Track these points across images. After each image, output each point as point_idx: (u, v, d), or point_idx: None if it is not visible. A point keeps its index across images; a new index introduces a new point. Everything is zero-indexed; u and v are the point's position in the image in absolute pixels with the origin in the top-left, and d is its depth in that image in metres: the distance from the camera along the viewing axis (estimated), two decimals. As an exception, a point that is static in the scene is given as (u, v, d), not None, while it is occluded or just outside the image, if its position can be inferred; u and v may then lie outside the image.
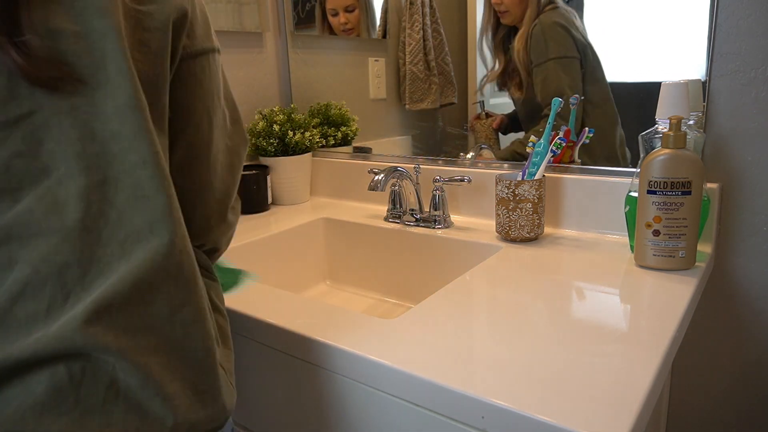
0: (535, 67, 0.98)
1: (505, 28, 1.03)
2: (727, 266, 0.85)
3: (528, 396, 0.48)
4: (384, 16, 1.18)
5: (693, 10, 0.80)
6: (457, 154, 1.11)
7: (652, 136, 0.78)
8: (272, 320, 0.65)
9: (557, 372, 0.51)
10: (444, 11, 1.10)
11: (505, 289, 0.72)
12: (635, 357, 0.53)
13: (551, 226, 0.96)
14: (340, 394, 0.61)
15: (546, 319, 0.62)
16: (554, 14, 0.95)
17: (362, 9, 1.23)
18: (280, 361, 0.66)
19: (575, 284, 0.73)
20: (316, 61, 1.30)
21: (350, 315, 0.65)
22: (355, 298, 1.09)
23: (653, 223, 0.73)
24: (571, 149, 0.96)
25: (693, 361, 0.92)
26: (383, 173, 0.97)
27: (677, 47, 0.83)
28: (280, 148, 1.19)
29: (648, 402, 0.47)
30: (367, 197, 1.21)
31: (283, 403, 0.68)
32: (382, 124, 1.22)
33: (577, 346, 0.56)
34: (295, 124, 1.19)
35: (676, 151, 0.71)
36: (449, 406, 0.50)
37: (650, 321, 0.61)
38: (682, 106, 0.75)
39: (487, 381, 0.50)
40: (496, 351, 0.55)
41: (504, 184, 0.88)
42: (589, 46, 0.92)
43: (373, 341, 0.58)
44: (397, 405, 0.55)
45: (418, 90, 1.15)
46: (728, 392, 0.90)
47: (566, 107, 0.93)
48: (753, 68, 0.77)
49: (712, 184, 0.82)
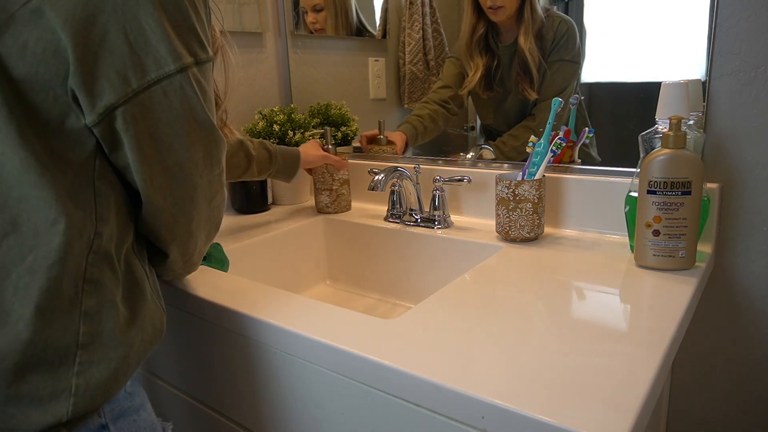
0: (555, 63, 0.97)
1: (484, 27, 1.02)
2: (727, 266, 0.85)
3: (528, 396, 0.48)
4: (384, 16, 1.18)
5: (693, 10, 0.80)
6: (457, 154, 1.11)
7: (652, 136, 0.78)
8: (271, 320, 0.65)
9: (557, 372, 0.51)
10: (444, 11, 1.10)
11: (505, 289, 0.72)
12: (635, 357, 0.53)
13: (551, 226, 0.96)
14: (340, 394, 0.61)
15: (546, 319, 0.62)
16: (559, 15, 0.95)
17: (330, 9, 1.24)
18: (280, 361, 0.66)
19: (575, 284, 0.73)
20: (316, 61, 1.30)
21: (350, 315, 0.65)
22: (355, 298, 1.09)
23: (653, 223, 0.73)
24: (571, 149, 0.96)
25: (693, 361, 0.92)
26: (383, 173, 0.97)
27: (677, 47, 0.83)
28: (280, 148, 1.19)
29: (648, 402, 0.47)
30: (367, 197, 1.21)
31: (283, 402, 0.68)
32: (382, 124, 1.22)
33: (577, 346, 0.56)
34: (295, 124, 1.18)
35: (676, 151, 0.71)
36: (449, 406, 0.50)
37: (650, 321, 0.61)
38: (682, 106, 0.75)
39: (487, 381, 0.50)
40: (496, 351, 0.55)
41: (504, 184, 0.88)
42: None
43: (373, 341, 0.58)
44: (398, 405, 0.55)
45: (417, 90, 1.15)
46: (728, 392, 0.90)
47: (566, 107, 0.94)
48: (753, 68, 0.77)
49: (712, 184, 0.82)
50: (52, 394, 0.44)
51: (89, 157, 0.49)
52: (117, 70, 0.47)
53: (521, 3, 0.96)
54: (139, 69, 0.47)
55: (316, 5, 1.26)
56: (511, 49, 1.00)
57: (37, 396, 0.44)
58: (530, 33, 0.97)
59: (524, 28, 0.97)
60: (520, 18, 0.97)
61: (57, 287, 0.46)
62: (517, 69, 1.00)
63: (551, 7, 0.95)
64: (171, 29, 0.48)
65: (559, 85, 0.96)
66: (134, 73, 0.47)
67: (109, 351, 0.48)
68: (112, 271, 0.50)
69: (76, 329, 0.46)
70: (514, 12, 0.97)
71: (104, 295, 0.49)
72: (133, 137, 0.48)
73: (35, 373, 0.44)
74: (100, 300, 0.48)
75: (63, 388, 0.45)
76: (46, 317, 0.45)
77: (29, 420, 0.43)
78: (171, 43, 0.48)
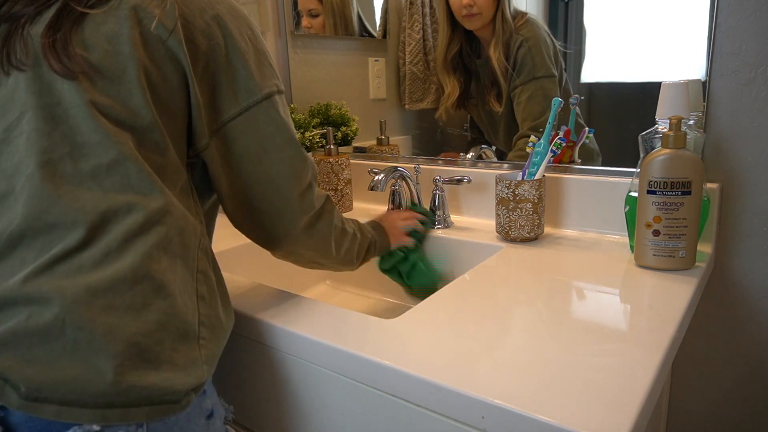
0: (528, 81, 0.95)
1: (459, 43, 0.99)
2: (727, 266, 0.85)
3: (528, 396, 0.48)
4: (384, 16, 1.18)
5: (693, 10, 0.80)
6: (457, 154, 1.11)
7: (652, 136, 0.78)
8: (272, 321, 0.65)
9: (557, 372, 0.51)
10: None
11: (505, 289, 0.72)
12: (635, 357, 0.53)
13: (551, 226, 0.96)
14: (340, 394, 0.61)
15: (546, 319, 0.62)
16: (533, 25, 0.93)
17: (329, 16, 1.23)
18: (279, 361, 0.66)
19: (575, 284, 0.73)
20: (316, 61, 1.30)
21: (350, 315, 0.65)
22: (355, 298, 1.09)
23: (653, 223, 0.73)
24: (571, 149, 0.96)
25: (693, 361, 0.92)
26: (383, 173, 0.97)
27: (677, 47, 0.83)
28: (280, 148, 1.19)
29: (648, 402, 0.47)
30: (367, 197, 1.21)
31: (281, 402, 0.68)
32: (383, 124, 1.22)
33: (577, 346, 0.56)
34: (295, 124, 1.18)
35: (676, 151, 0.71)
36: (449, 406, 0.50)
37: (650, 321, 0.61)
38: (682, 106, 0.75)
39: (487, 381, 0.50)
40: (495, 351, 0.55)
41: (504, 184, 0.88)
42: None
43: (373, 341, 0.58)
44: (398, 405, 0.55)
45: (417, 90, 1.15)
46: (728, 392, 0.90)
47: (566, 107, 0.94)
48: (753, 68, 0.77)
49: (712, 184, 0.82)
50: (193, 360, 0.51)
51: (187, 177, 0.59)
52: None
53: (496, 10, 0.94)
54: (234, 100, 0.59)
55: (312, 10, 1.25)
56: (486, 64, 0.98)
57: (183, 361, 0.50)
58: (500, 44, 0.95)
59: (495, 38, 0.96)
60: (494, 28, 0.95)
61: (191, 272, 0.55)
62: (486, 81, 0.99)
63: (525, 14, 0.93)
64: (257, 68, 0.59)
65: (541, 104, 0.95)
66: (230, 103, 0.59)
67: (216, 330, 0.55)
68: (212, 266, 0.59)
69: (196, 309, 0.53)
70: (489, 20, 0.95)
71: (210, 284, 0.57)
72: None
73: (180, 343, 0.50)
74: (209, 288, 0.56)
75: (196, 357, 0.51)
76: (184, 297, 0.52)
77: (181, 381, 0.49)
78: (255, 77, 0.59)
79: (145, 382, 0.46)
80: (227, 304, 0.60)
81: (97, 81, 0.50)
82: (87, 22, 0.51)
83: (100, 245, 0.48)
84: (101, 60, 0.51)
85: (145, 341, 0.47)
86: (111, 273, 0.47)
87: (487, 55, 0.97)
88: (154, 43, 0.53)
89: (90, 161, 0.49)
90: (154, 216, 0.51)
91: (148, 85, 0.52)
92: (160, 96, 0.53)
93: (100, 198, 0.49)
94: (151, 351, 0.48)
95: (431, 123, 1.15)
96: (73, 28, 0.51)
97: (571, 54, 0.94)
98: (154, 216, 0.51)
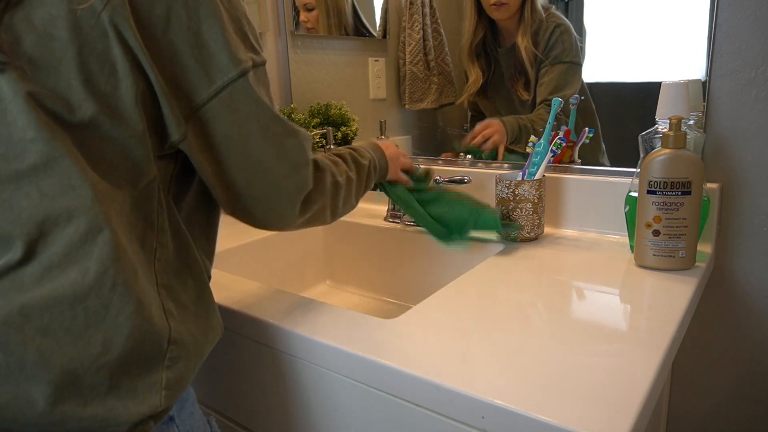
0: (551, 66, 0.97)
1: (483, 30, 1.02)
2: (727, 266, 0.85)
3: (528, 396, 0.48)
4: (384, 16, 1.18)
5: (693, 10, 0.80)
6: (457, 154, 1.11)
7: (652, 136, 0.78)
8: (272, 321, 0.65)
9: (557, 372, 0.51)
10: (444, 11, 1.10)
11: (505, 289, 0.72)
12: (635, 357, 0.53)
13: (551, 226, 0.96)
14: (341, 395, 0.61)
15: (546, 319, 0.62)
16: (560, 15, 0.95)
17: (322, 9, 1.24)
18: (278, 361, 0.66)
19: (575, 284, 0.73)
20: (316, 61, 1.30)
21: (350, 315, 0.65)
22: (355, 298, 1.09)
23: (653, 223, 0.73)
24: (571, 149, 0.96)
25: (693, 361, 0.92)
26: (383, 173, 0.97)
27: (677, 47, 0.83)
28: (280, 148, 1.19)
29: (648, 402, 0.47)
30: (366, 197, 1.21)
31: (283, 403, 0.68)
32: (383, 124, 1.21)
33: (577, 346, 0.56)
34: (295, 124, 1.18)
35: (676, 151, 0.71)
36: (449, 406, 0.50)
37: (650, 321, 0.61)
38: (682, 106, 0.75)
39: (487, 381, 0.50)
40: (496, 351, 0.55)
41: (504, 184, 0.88)
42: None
43: (374, 341, 0.58)
44: (397, 405, 0.55)
45: (417, 90, 1.15)
46: (728, 392, 0.90)
47: (566, 107, 0.94)
48: (753, 68, 0.77)
49: (712, 184, 0.82)
50: (149, 386, 0.46)
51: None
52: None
53: (524, 1, 0.96)
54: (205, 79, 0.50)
55: (307, 4, 1.26)
56: (510, 53, 1.00)
57: (134, 388, 0.46)
58: (528, 32, 0.97)
59: (523, 28, 0.97)
60: (521, 17, 0.97)
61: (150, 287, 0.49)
62: (512, 70, 1.00)
63: (550, 7, 0.95)
64: (230, 38, 0.51)
65: (560, 86, 0.96)
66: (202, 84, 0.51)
67: (190, 348, 0.50)
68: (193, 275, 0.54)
69: (166, 325, 0.48)
70: (516, 10, 0.97)
71: (181, 298, 0.52)
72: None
73: (134, 367, 0.46)
74: (178, 303, 0.51)
75: (154, 382, 0.47)
76: (146, 314, 0.47)
77: (128, 411, 0.45)
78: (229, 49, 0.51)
79: (84, 413, 0.43)
80: (210, 316, 0.55)
81: (31, 71, 0.44)
82: (19, 8, 0.45)
83: (41, 259, 0.44)
84: (34, 48, 0.44)
85: (85, 367, 0.43)
86: (49, 291, 0.43)
87: (512, 44, 0.99)
88: (88, 19, 0.45)
89: (26, 161, 0.44)
90: (98, 222, 0.45)
91: (90, 75, 0.45)
92: (106, 85, 0.46)
93: (36, 205, 0.44)
94: (93, 377, 0.44)
95: (431, 123, 1.15)
96: (4, 16, 0.44)
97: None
98: (99, 222, 0.45)
